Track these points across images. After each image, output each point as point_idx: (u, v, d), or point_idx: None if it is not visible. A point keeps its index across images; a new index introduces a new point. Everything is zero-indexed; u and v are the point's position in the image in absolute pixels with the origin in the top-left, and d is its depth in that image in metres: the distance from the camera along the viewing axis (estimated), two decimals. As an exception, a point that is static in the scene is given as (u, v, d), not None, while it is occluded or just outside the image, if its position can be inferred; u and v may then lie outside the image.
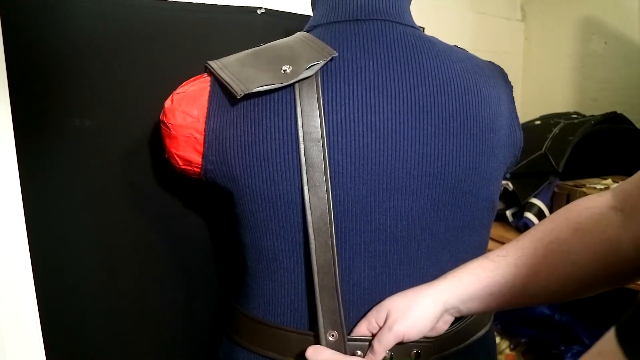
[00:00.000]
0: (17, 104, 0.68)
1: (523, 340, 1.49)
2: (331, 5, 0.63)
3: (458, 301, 0.55)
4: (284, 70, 0.56)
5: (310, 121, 0.55)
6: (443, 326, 0.58)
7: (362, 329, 0.58)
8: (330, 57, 0.57)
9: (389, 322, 0.55)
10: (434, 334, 0.58)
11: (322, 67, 0.57)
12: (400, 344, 0.56)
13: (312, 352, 0.54)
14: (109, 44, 0.75)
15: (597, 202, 0.53)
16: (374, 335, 0.57)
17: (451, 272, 0.58)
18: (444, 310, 0.56)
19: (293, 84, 0.55)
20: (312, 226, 0.54)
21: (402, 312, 0.55)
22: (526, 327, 1.47)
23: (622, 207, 0.50)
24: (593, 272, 0.49)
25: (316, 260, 0.55)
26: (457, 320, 0.62)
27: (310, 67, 0.56)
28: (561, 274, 0.51)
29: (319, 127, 0.55)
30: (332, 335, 0.55)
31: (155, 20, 0.80)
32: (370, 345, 0.56)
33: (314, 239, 0.55)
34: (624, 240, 0.48)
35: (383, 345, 0.55)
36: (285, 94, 0.56)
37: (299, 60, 0.57)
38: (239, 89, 0.54)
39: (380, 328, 0.56)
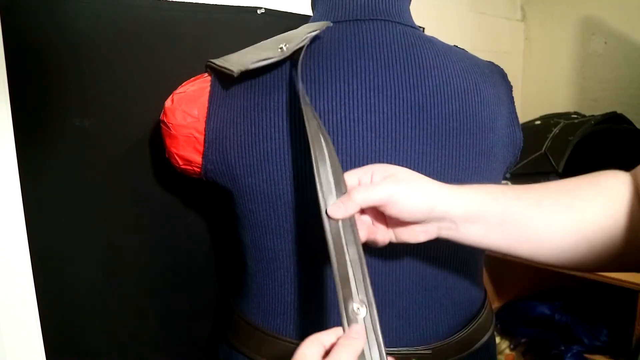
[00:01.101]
0: (17, 104, 0.68)
1: (523, 340, 1.49)
2: (331, 5, 0.63)
3: (463, 215, 0.47)
4: (281, 48, 0.56)
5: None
6: (420, 235, 0.49)
7: (352, 178, 0.48)
8: (325, 26, 0.57)
9: (387, 178, 0.47)
10: (405, 236, 0.50)
11: (322, 63, 0.57)
12: (398, 352, 0.56)
13: None
14: (109, 44, 0.75)
15: (625, 175, 0.49)
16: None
17: (468, 184, 0.50)
18: (441, 214, 0.47)
19: (289, 56, 0.55)
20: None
21: (405, 178, 0.47)
22: (526, 327, 1.47)
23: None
24: (608, 243, 0.45)
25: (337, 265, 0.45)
26: (460, 327, 0.62)
27: (305, 38, 0.56)
28: (579, 232, 0.46)
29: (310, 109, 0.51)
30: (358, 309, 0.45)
31: (155, 20, 0.80)
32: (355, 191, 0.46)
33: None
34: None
35: (368, 194, 0.45)
36: (286, 94, 0.56)
37: (294, 38, 0.57)
38: (236, 69, 0.53)
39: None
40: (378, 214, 0.50)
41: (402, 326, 0.60)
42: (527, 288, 1.61)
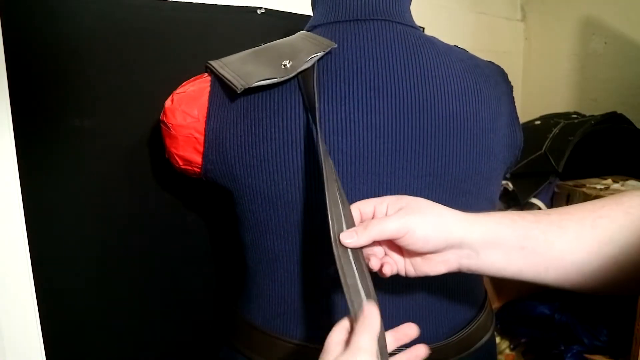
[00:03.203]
0: (17, 104, 0.68)
1: (523, 340, 1.49)
2: (331, 5, 0.63)
3: (481, 242, 0.46)
4: (284, 65, 0.56)
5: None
6: (439, 265, 0.48)
7: (368, 206, 0.48)
8: (328, 49, 0.56)
9: (402, 210, 0.46)
10: (425, 269, 0.48)
11: (322, 64, 0.57)
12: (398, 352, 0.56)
13: None
14: (109, 44, 0.75)
15: None
16: None
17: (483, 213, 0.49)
18: (458, 243, 0.46)
19: (293, 77, 0.55)
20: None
21: (420, 209, 0.46)
22: (526, 327, 1.47)
23: None
24: (637, 262, 0.43)
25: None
26: (460, 328, 0.62)
27: (309, 59, 0.55)
28: (605, 253, 0.44)
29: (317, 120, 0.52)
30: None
31: (155, 20, 0.80)
32: (367, 224, 0.46)
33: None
34: None
35: (382, 227, 0.45)
36: (287, 93, 0.56)
37: (298, 54, 0.56)
38: (239, 84, 0.54)
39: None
40: (393, 245, 0.49)
41: (402, 326, 0.60)
42: (527, 288, 1.60)
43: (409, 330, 0.45)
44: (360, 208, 0.48)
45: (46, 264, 0.73)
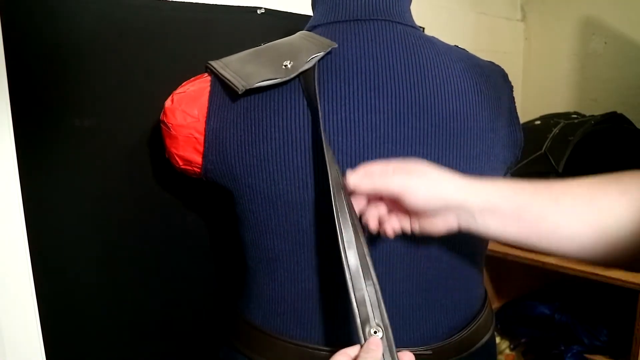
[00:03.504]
0: (17, 104, 0.68)
1: (523, 340, 1.49)
2: (331, 5, 0.63)
3: (480, 207, 0.48)
4: (285, 66, 0.56)
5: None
6: (441, 225, 0.50)
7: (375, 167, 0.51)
8: (329, 49, 0.56)
9: (405, 171, 0.49)
10: (428, 227, 0.51)
11: (322, 64, 0.57)
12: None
13: None
14: (109, 43, 0.75)
15: None
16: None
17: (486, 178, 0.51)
18: (458, 206, 0.49)
19: (294, 78, 0.55)
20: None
21: (422, 171, 0.49)
22: (526, 327, 1.47)
23: None
24: (630, 240, 0.45)
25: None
26: (460, 328, 0.62)
27: (310, 59, 0.55)
28: (599, 228, 0.46)
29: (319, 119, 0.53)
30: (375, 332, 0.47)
31: (155, 20, 0.80)
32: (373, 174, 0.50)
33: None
34: None
35: (385, 182, 0.48)
36: (287, 93, 0.56)
37: (299, 55, 0.56)
38: (240, 85, 0.54)
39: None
40: (398, 206, 0.51)
41: (402, 327, 0.60)
42: (527, 288, 1.61)
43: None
44: (367, 168, 0.50)
45: (46, 264, 0.73)
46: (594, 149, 1.41)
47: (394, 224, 0.53)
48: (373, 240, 0.58)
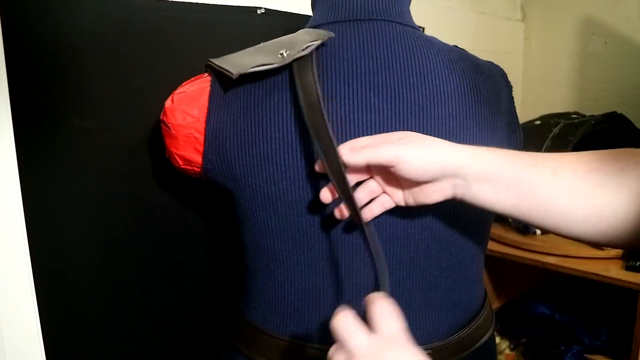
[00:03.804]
0: (17, 104, 0.68)
1: (523, 340, 1.49)
2: (331, 5, 0.63)
3: (475, 174, 0.47)
4: (281, 54, 0.56)
5: (308, 102, 0.53)
6: (436, 194, 0.49)
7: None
8: (326, 37, 0.56)
9: (398, 140, 0.49)
10: (422, 198, 0.50)
11: (322, 64, 0.57)
12: None
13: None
14: (108, 43, 0.75)
15: None
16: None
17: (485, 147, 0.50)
18: (454, 172, 0.48)
19: (290, 63, 0.55)
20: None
21: (416, 139, 0.48)
22: (526, 327, 1.47)
23: None
24: (626, 218, 0.44)
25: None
26: (460, 327, 0.62)
27: (306, 47, 0.55)
28: (593, 205, 0.45)
29: (319, 106, 0.52)
30: None
31: (155, 20, 0.80)
32: (364, 146, 0.49)
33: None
34: None
35: (377, 152, 0.47)
36: (286, 93, 0.56)
37: (296, 44, 0.56)
38: (235, 71, 0.53)
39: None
40: (390, 177, 0.50)
41: (402, 326, 0.60)
42: (527, 288, 1.61)
43: None
44: (353, 143, 0.50)
45: (46, 264, 0.73)
46: (594, 149, 1.41)
47: (385, 201, 0.52)
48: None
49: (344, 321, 0.39)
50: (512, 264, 1.35)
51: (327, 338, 0.59)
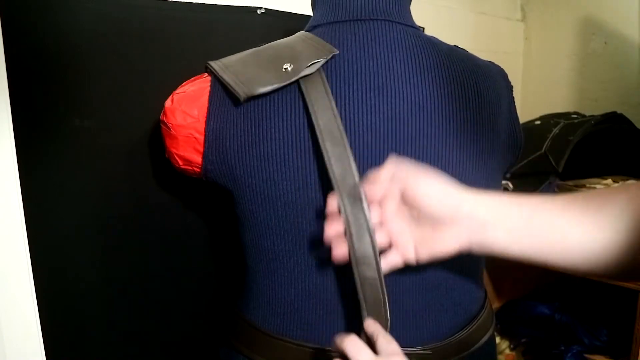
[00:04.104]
0: (17, 104, 0.68)
1: (523, 340, 1.49)
2: (331, 5, 0.63)
3: (490, 217, 0.47)
4: (285, 69, 0.56)
5: (323, 115, 0.53)
6: (450, 241, 0.48)
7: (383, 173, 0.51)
8: (331, 55, 0.56)
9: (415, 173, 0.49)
10: (436, 246, 0.49)
11: (323, 65, 0.57)
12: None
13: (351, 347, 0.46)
14: (109, 43, 0.75)
15: None
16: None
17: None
18: (468, 214, 0.47)
19: (294, 82, 0.55)
20: (347, 216, 0.49)
21: (433, 176, 0.49)
22: (526, 327, 1.47)
23: None
24: (631, 251, 0.44)
25: (355, 252, 0.49)
26: (459, 328, 0.62)
27: (311, 64, 0.55)
28: (608, 238, 0.45)
29: (335, 121, 0.53)
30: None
31: (155, 20, 0.80)
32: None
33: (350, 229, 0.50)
34: None
35: (399, 174, 0.48)
36: (286, 93, 0.56)
37: (299, 58, 0.56)
38: (242, 92, 0.54)
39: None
40: (401, 226, 0.50)
41: (401, 326, 0.60)
42: (527, 288, 1.61)
43: None
44: (375, 175, 0.50)
45: (46, 264, 0.73)
46: (594, 149, 1.41)
47: (392, 260, 0.51)
48: None
49: (353, 340, 0.44)
50: (512, 264, 1.34)
51: (328, 338, 0.59)
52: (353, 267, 0.49)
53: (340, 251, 0.50)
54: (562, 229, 0.47)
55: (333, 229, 0.50)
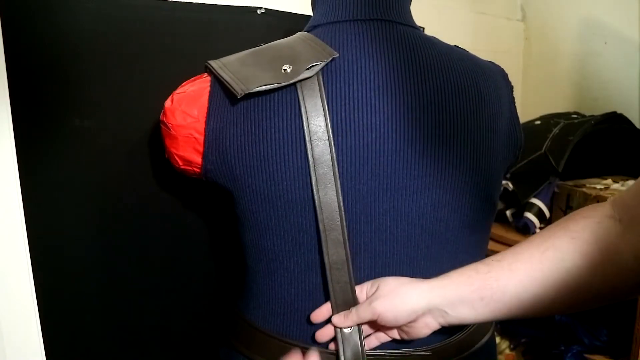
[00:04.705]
0: (17, 104, 0.68)
1: (523, 340, 1.48)
2: (331, 5, 0.63)
3: (446, 303, 0.53)
4: (284, 70, 0.56)
5: (315, 120, 0.55)
6: (423, 329, 0.55)
7: (360, 294, 0.58)
8: (330, 58, 0.56)
9: (372, 296, 0.55)
10: (413, 334, 0.55)
11: (323, 67, 0.57)
12: (399, 354, 0.57)
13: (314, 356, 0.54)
14: (109, 43, 0.75)
15: (596, 211, 0.50)
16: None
17: (445, 274, 0.56)
18: (426, 309, 0.53)
19: (293, 83, 0.55)
20: (323, 224, 0.55)
21: (387, 292, 0.55)
22: (526, 327, 1.47)
23: (621, 218, 0.48)
24: (589, 282, 0.48)
25: (328, 257, 0.55)
26: (459, 328, 0.62)
27: (310, 67, 0.56)
28: (556, 282, 0.48)
29: (324, 126, 0.55)
30: (348, 329, 0.56)
31: (155, 20, 0.80)
32: (350, 311, 0.56)
33: (325, 237, 0.55)
34: (623, 251, 0.46)
35: (359, 315, 0.55)
36: (286, 94, 0.56)
37: (299, 60, 0.56)
38: (239, 89, 0.54)
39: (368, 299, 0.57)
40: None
41: (402, 326, 0.60)
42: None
43: None
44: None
45: (46, 264, 0.73)
46: (594, 149, 1.41)
47: (380, 336, 0.58)
48: (374, 243, 0.58)
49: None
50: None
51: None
52: (327, 272, 0.56)
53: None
54: (512, 291, 0.51)
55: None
